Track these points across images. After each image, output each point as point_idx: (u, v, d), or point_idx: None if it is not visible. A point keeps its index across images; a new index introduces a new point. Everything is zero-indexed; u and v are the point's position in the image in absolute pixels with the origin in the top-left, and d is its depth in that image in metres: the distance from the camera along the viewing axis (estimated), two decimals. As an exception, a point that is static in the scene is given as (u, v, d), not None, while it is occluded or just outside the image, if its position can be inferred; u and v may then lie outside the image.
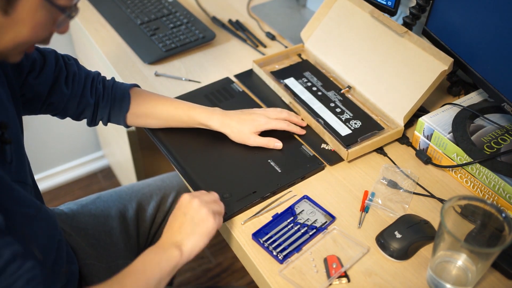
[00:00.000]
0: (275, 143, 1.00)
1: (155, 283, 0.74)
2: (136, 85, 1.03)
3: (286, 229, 0.87)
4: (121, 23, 1.35)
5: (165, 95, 1.03)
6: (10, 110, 0.78)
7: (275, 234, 0.86)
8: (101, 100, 0.99)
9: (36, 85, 0.89)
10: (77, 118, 1.00)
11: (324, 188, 0.95)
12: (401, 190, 0.94)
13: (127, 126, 1.03)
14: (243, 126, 0.99)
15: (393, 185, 0.95)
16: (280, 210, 0.91)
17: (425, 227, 0.86)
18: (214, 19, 1.39)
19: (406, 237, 0.83)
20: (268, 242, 0.85)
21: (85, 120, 1.03)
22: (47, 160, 1.98)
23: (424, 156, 1.00)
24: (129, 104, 0.99)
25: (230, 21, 1.39)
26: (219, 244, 1.85)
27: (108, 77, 1.03)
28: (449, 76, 1.14)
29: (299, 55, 1.24)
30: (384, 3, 1.11)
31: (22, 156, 0.81)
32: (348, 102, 1.10)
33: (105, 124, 1.03)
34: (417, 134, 1.02)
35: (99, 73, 1.01)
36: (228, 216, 0.88)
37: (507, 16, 0.87)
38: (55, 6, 0.63)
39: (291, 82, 1.15)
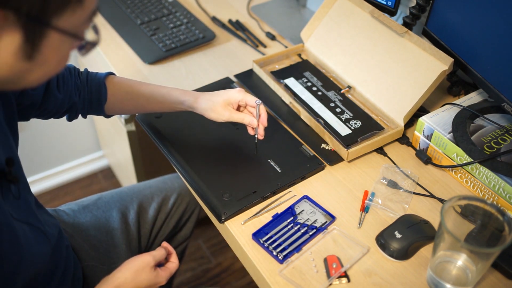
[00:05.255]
0: (251, 120, 0.94)
1: None
2: (111, 73, 1.00)
3: (286, 229, 0.87)
4: (121, 23, 1.35)
5: (142, 81, 1.01)
6: (13, 143, 0.76)
7: (275, 234, 0.86)
8: (81, 94, 0.96)
9: (34, 94, 0.86)
10: (60, 116, 0.98)
11: (324, 188, 0.95)
12: (401, 190, 0.94)
13: (107, 116, 1.01)
14: (216, 97, 0.95)
15: (393, 185, 0.95)
16: (280, 210, 0.91)
17: (425, 227, 0.86)
18: (214, 19, 1.39)
19: (406, 237, 0.83)
20: (268, 242, 0.85)
21: (76, 118, 1.01)
22: (48, 160, 1.98)
23: (424, 156, 1.00)
24: (106, 95, 0.97)
25: (230, 21, 1.39)
26: (219, 244, 1.85)
27: None
28: (449, 76, 1.14)
29: (299, 55, 1.24)
30: (384, 3, 1.11)
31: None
32: (348, 102, 1.10)
33: (85, 117, 1.00)
34: (417, 134, 1.02)
35: (74, 67, 0.97)
36: (228, 216, 0.89)
37: (507, 16, 0.87)
38: (78, 37, 0.58)
39: (291, 82, 1.15)
